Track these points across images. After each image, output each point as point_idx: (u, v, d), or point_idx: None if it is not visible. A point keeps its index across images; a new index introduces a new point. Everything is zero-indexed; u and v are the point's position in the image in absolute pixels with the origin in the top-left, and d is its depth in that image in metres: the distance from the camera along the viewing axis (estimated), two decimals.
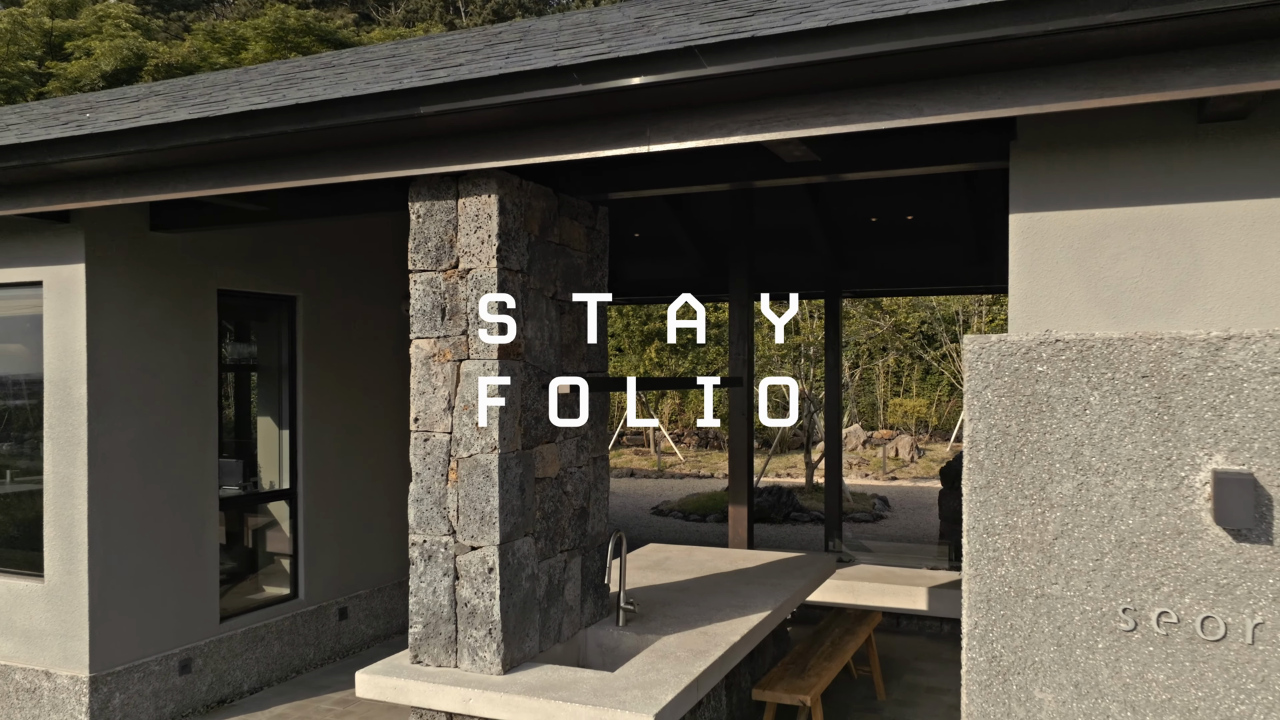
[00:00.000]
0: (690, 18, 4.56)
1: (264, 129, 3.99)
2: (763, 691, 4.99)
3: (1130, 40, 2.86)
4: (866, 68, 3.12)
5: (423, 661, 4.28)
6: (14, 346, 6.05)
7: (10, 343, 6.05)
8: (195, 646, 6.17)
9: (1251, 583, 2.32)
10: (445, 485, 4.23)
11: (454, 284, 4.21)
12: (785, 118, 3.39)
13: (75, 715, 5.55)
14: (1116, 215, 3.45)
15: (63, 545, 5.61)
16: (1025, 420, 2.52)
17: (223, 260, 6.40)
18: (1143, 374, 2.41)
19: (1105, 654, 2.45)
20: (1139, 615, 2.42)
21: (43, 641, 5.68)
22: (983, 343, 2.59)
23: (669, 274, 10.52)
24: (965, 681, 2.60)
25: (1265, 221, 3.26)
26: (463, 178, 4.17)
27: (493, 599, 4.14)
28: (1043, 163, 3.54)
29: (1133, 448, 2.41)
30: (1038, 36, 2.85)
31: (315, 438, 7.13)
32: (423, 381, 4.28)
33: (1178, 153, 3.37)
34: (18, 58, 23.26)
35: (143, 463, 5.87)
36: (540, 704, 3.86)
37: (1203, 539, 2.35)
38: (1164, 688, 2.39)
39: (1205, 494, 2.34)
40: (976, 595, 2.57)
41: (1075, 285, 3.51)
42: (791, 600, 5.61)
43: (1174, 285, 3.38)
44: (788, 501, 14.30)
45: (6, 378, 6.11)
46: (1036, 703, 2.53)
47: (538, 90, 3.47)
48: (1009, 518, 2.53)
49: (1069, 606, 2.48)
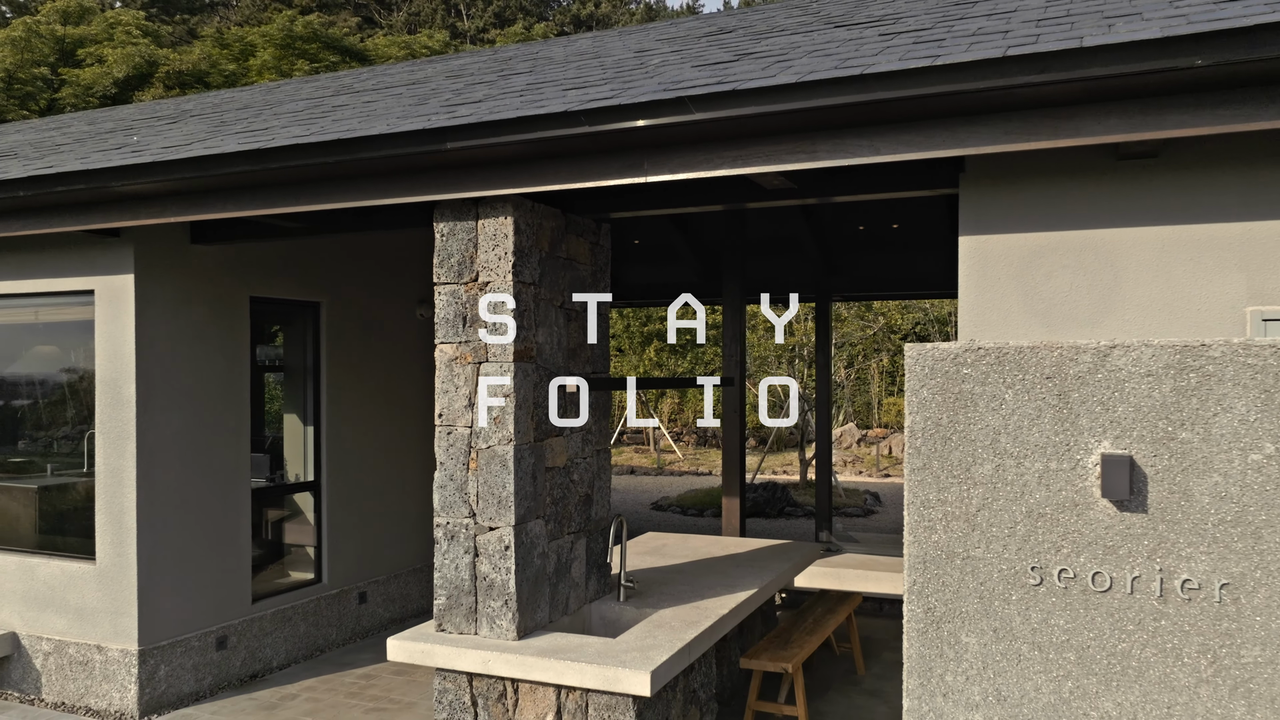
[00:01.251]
0: (684, 57, 5.11)
1: (308, 159, 4.54)
2: (749, 660, 5.53)
3: (1050, 96, 3.40)
4: (831, 115, 3.66)
5: (446, 629, 4.83)
6: (68, 349, 6.60)
7: (65, 345, 6.60)
8: (230, 625, 6.72)
9: (1130, 544, 2.86)
10: (466, 473, 4.78)
11: (474, 295, 4.75)
12: (763, 154, 3.93)
13: (125, 685, 6.09)
14: (1049, 238, 4.00)
15: (113, 530, 6.16)
16: (954, 413, 3.06)
17: (255, 269, 6.95)
18: (1046, 375, 2.95)
19: (1018, 604, 3.00)
20: (1044, 572, 2.96)
21: (95, 618, 6.23)
22: (920, 350, 3.13)
23: (667, 279, 11.06)
24: (906, 629, 3.15)
25: (1173, 245, 3.80)
26: (482, 202, 4.72)
27: (508, 574, 4.69)
28: (988, 192, 4.09)
29: (1039, 436, 2.96)
30: (972, 92, 3.40)
31: (337, 433, 7.67)
32: (446, 381, 4.82)
33: (1100, 185, 3.91)
34: (31, 64, 23.80)
35: (184, 455, 6.41)
36: (550, 664, 4.41)
37: (1094, 509, 2.90)
38: (1063, 630, 2.94)
39: (1095, 473, 2.88)
40: (915, 558, 3.12)
41: (1015, 299, 4.06)
42: (777, 581, 6.15)
43: (1098, 299, 3.94)
44: (782, 497, 14.85)
45: (61, 377, 6.66)
46: (963, 645, 3.07)
47: (550, 130, 4.02)
48: (941, 494, 3.08)
49: (989, 566, 3.02)
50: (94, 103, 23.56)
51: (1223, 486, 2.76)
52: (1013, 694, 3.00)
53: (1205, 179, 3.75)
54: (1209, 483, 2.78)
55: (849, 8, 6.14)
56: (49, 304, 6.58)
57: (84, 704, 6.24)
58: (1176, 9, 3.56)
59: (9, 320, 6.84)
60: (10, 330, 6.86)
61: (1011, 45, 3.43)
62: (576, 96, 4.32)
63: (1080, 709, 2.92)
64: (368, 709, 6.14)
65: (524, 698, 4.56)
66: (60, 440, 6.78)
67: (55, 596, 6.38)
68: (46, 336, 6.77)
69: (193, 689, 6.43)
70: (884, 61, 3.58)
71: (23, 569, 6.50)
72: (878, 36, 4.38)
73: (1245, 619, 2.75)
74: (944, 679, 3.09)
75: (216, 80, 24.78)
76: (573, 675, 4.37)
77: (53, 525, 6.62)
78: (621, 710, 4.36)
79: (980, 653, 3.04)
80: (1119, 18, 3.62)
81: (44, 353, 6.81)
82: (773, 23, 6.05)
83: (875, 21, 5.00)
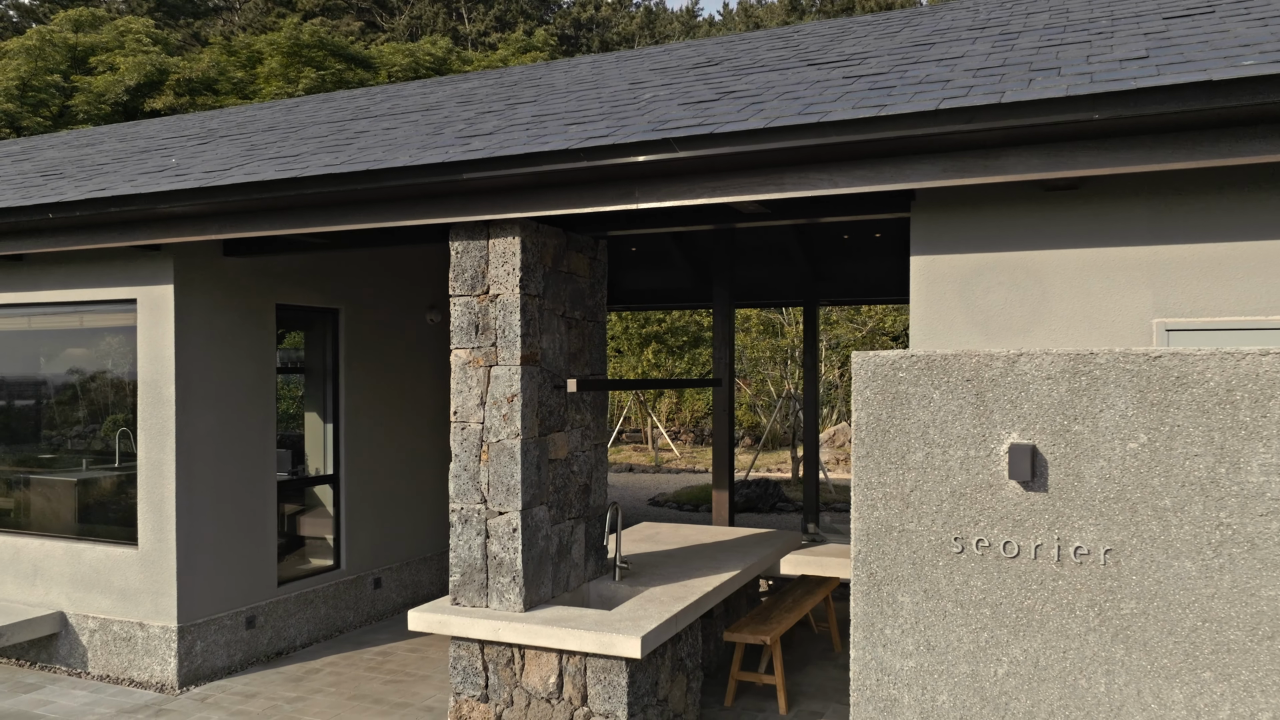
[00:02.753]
0: (673, 92, 5.71)
1: (339, 186, 5.14)
2: (732, 634, 6.13)
3: (978, 140, 4.00)
4: (794, 154, 4.26)
5: (460, 603, 5.43)
6: (107, 352, 7.20)
7: (105, 349, 7.21)
8: (258, 606, 7.32)
9: (1034, 518, 3.46)
10: (478, 464, 5.38)
11: (485, 306, 5.35)
12: (738, 186, 4.53)
13: (165, 659, 6.70)
14: (988, 258, 4.60)
15: (154, 518, 6.76)
16: (891, 410, 3.66)
17: (280, 279, 7.55)
18: (967, 378, 3.55)
19: (944, 569, 3.60)
20: (965, 542, 3.56)
21: (137, 599, 6.83)
22: (864, 357, 3.73)
23: (662, 283, 11.66)
24: (853, 591, 3.74)
25: (1091, 265, 4.40)
26: (492, 224, 5.31)
27: (516, 553, 5.29)
28: (935, 218, 4.69)
29: (960, 428, 3.55)
30: (911, 137, 4.00)
31: (354, 431, 8.27)
32: (460, 383, 5.42)
33: (1030, 213, 4.51)
34: (45, 72, 24.40)
35: (217, 450, 7.01)
36: (554, 631, 5.01)
37: (1004, 489, 3.50)
38: (980, 590, 3.54)
39: (1005, 459, 3.48)
40: (860, 531, 3.71)
41: (958, 311, 4.66)
42: (759, 564, 6.75)
43: (1029, 311, 4.54)
44: (774, 493, 15.45)
45: (99, 377, 7.26)
46: (899, 604, 3.67)
47: (552, 165, 4.62)
48: (881, 477, 3.68)
49: (920, 537, 3.62)
50: (106, 110, 24.16)
51: (1107, 470, 3.36)
52: (940, 644, 3.60)
53: (1118, 208, 4.35)
54: (1096, 467, 3.38)
55: (825, 41, 6.74)
56: (93, 311, 7.18)
57: (127, 676, 6.84)
58: (1088, 66, 4.16)
59: (55, 326, 7.44)
60: (56, 335, 7.46)
61: (946, 98, 4.03)
62: (577, 133, 4.92)
63: (994, 655, 3.52)
64: (385, 680, 6.74)
65: (529, 662, 5.16)
66: (95, 437, 7.38)
67: (100, 579, 6.98)
68: (88, 340, 7.36)
69: (225, 664, 7.03)
70: (839, 110, 4.18)
71: (69, 554, 7.10)
72: (841, 79, 4.98)
73: (1124, 578, 3.34)
74: (884, 632, 3.69)
75: (225, 87, 25.39)
76: (573, 641, 4.97)
77: (95, 514, 7.22)
78: (616, 672, 4.96)
79: (913, 610, 3.63)
80: (1041, 72, 4.22)
81: (84, 355, 7.40)
82: (755, 55, 6.65)
83: (843, 61, 5.59)
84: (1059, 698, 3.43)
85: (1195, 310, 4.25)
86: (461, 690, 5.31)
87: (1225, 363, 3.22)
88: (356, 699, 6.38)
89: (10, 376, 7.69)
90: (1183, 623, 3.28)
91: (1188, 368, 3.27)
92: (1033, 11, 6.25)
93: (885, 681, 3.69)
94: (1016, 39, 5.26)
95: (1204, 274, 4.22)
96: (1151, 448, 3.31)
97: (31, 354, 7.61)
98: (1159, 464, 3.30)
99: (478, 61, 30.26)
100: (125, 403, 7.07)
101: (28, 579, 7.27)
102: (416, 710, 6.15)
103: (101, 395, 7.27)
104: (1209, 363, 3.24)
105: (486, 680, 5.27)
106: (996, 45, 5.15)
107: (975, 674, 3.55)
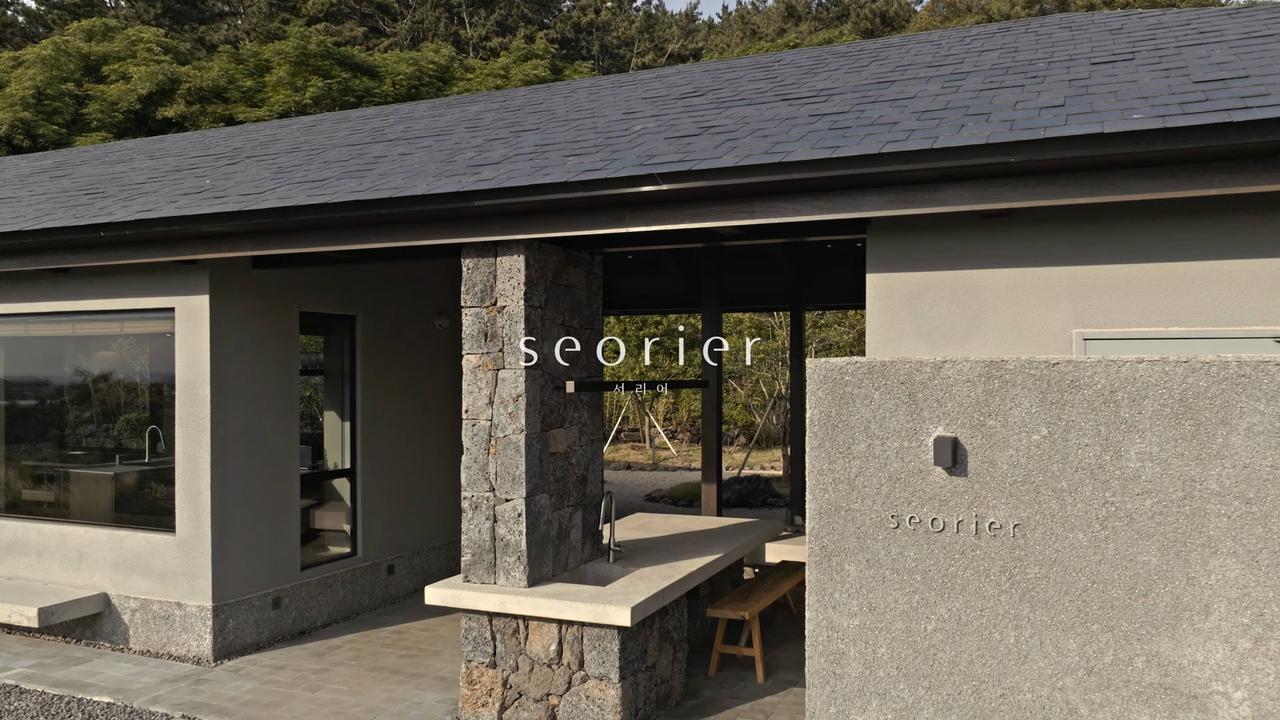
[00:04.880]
0: (660, 124, 6.38)
1: (365, 211, 5.81)
2: (715, 610, 6.81)
3: (917, 176, 4.67)
4: (761, 188, 4.93)
5: (471, 580, 6.10)
6: (143, 356, 7.88)
7: (140, 353, 7.88)
8: (283, 588, 7.99)
9: (956, 499, 4.13)
10: (487, 456, 6.05)
11: (493, 316, 6.02)
12: (715, 212, 5.20)
13: (201, 635, 7.37)
14: (933, 276, 5.27)
15: (190, 507, 7.44)
16: (839, 408, 4.33)
17: (303, 289, 8.23)
18: (901, 381, 4.22)
19: (883, 542, 4.27)
20: (900, 519, 4.23)
21: (175, 580, 7.50)
22: (817, 364, 4.40)
23: (657, 290, 12.33)
24: (808, 561, 4.41)
25: (1021, 283, 5.07)
26: (500, 244, 5.98)
27: (520, 536, 5.96)
28: (888, 240, 5.36)
29: (896, 423, 4.22)
30: (860, 175, 4.67)
31: (370, 428, 8.95)
32: (471, 384, 6.09)
33: (969, 237, 5.18)
34: (60, 81, 25.10)
35: (247, 445, 7.69)
36: (554, 603, 5.68)
37: (932, 474, 4.17)
38: (913, 559, 4.21)
39: (932, 449, 4.15)
40: (814, 511, 4.39)
41: (908, 323, 5.33)
42: (741, 549, 7.42)
43: (967, 323, 5.21)
44: (765, 489, 16.13)
45: (134, 379, 7.94)
46: (846, 572, 4.34)
47: (554, 195, 5.29)
48: (831, 464, 4.35)
49: (863, 515, 4.29)
50: (119, 117, 24.86)
51: (1015, 458, 4.03)
52: (879, 604, 4.27)
53: (1043, 234, 5.02)
54: (1007, 455, 4.05)
55: (801, 74, 7.41)
56: (133, 318, 7.86)
57: (166, 651, 7.52)
58: (1013, 113, 4.84)
59: (97, 331, 8.12)
60: (98, 340, 8.14)
61: (890, 141, 4.71)
62: (575, 165, 5.60)
63: (924, 613, 4.19)
64: (401, 655, 7.42)
65: (533, 632, 5.83)
66: (128, 434, 8.05)
67: (140, 562, 7.66)
68: (126, 345, 8.04)
69: (254, 640, 7.70)
70: (799, 150, 4.85)
71: (112, 540, 7.78)
72: (807, 117, 5.65)
73: (1029, 548, 4.02)
74: (833, 596, 4.36)
75: (234, 95, 26.08)
76: (571, 612, 5.64)
77: (135, 504, 7.90)
78: (609, 640, 5.64)
79: (857, 576, 4.31)
80: (974, 117, 4.90)
81: (122, 359, 8.08)
82: (738, 87, 7.33)
83: (813, 97, 6.27)
84: (977, 648, 4.11)
85: (1108, 322, 4.92)
86: (472, 658, 5.99)
87: (1109, 368, 3.90)
88: (376, 670, 7.06)
89: (57, 379, 8.36)
90: (1076, 584, 3.95)
91: (1080, 373, 3.94)
92: (986, 49, 6.92)
93: (835, 637, 4.36)
94: (964, 80, 5.93)
95: (1115, 291, 4.89)
96: (1051, 439, 3.98)
97: (75, 357, 8.29)
98: (1057, 453, 3.98)
99: (479, 69, 30.93)
100: (163, 402, 7.75)
101: (73, 563, 7.95)
102: (430, 679, 6.82)
103: (140, 395, 7.95)
104: (1096, 369, 3.92)
105: (495, 649, 5.94)
106: (945, 86, 5.82)
107: (909, 630, 4.23)
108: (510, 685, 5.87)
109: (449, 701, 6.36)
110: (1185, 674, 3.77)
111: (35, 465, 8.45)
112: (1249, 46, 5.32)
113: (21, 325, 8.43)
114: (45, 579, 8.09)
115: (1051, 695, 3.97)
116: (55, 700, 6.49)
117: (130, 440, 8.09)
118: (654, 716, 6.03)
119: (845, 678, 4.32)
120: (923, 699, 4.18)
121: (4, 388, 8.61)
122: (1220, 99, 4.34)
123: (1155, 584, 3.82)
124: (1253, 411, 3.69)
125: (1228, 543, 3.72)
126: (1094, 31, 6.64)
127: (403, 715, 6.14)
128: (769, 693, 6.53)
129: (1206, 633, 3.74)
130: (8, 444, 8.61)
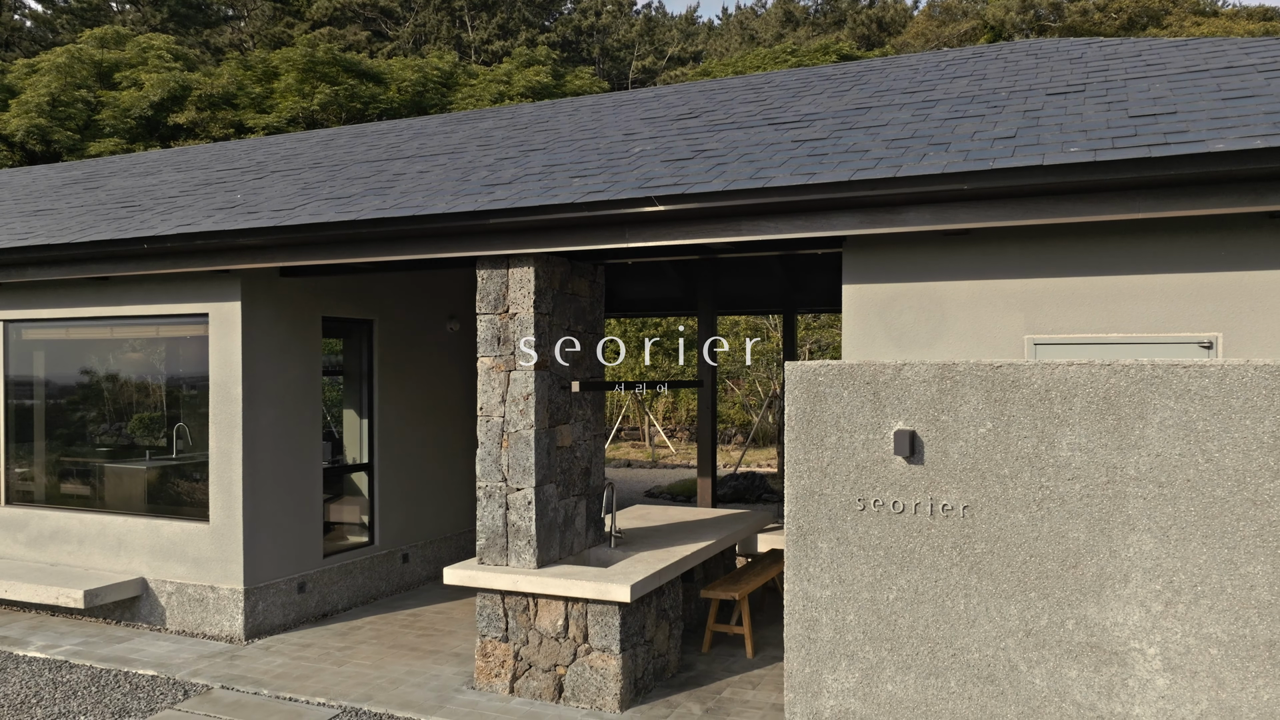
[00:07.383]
0: (657, 146, 6.98)
1: (389, 227, 6.42)
2: (708, 591, 7.41)
3: (883, 200, 5.26)
4: (747, 209, 5.53)
5: (485, 562, 6.71)
6: (176, 358, 8.48)
7: (173, 355, 8.49)
8: (307, 574, 8.60)
9: (914, 484, 4.74)
10: (500, 450, 6.66)
11: (505, 322, 6.62)
12: (706, 230, 5.80)
13: (234, 616, 7.97)
14: (902, 287, 5.87)
15: (223, 498, 8.04)
16: (814, 404, 4.93)
17: (325, 295, 8.83)
18: (867, 381, 4.82)
19: (851, 523, 4.87)
20: (865, 501, 4.83)
21: (208, 566, 8.11)
22: (794, 367, 5.00)
23: (656, 293, 12.94)
24: (786, 540, 5.02)
25: (979, 293, 5.67)
26: (512, 257, 6.59)
27: (530, 522, 6.56)
28: (862, 254, 5.96)
29: (862, 418, 4.83)
30: (834, 199, 5.27)
31: (387, 425, 9.55)
32: (485, 384, 6.70)
33: (934, 252, 5.78)
34: (74, 88, 25.71)
35: (275, 440, 8.29)
36: (561, 582, 6.28)
37: (893, 463, 4.77)
38: (877, 537, 4.81)
39: (893, 441, 4.76)
40: (791, 496, 4.99)
41: (879, 329, 5.93)
42: (732, 536, 8.02)
43: (931, 330, 5.81)
44: (760, 485, 16.72)
45: (164, 379, 8.55)
46: (819, 549, 4.94)
47: (562, 214, 5.89)
48: (806, 454, 4.95)
49: (833, 499, 4.90)
50: (131, 123, 25.47)
51: (965, 448, 4.63)
52: (848, 577, 4.87)
53: (999, 250, 5.62)
54: (957, 446, 4.65)
55: (788, 96, 8.01)
56: (168, 323, 8.46)
57: (200, 631, 8.12)
58: (970, 143, 5.44)
59: (134, 335, 8.72)
60: (134, 344, 8.74)
61: (860, 168, 5.31)
62: (580, 186, 6.20)
63: (886, 585, 4.79)
64: (418, 635, 8.03)
65: (541, 609, 6.44)
66: (162, 430, 8.65)
67: (176, 549, 8.27)
68: (161, 348, 8.64)
69: (281, 621, 8.31)
70: (780, 176, 5.45)
71: (150, 529, 8.39)
72: (790, 143, 6.26)
73: (977, 527, 4.62)
74: (808, 570, 4.96)
75: (243, 101, 26.69)
76: (576, 590, 6.25)
77: (171, 495, 8.50)
78: (610, 615, 6.24)
79: (829, 553, 4.91)
80: (935, 146, 5.50)
81: (155, 361, 8.68)
82: (729, 110, 7.93)
83: (797, 122, 6.87)
84: (932, 614, 4.71)
85: (1056, 329, 5.52)
86: (486, 633, 6.59)
87: (1045, 370, 4.50)
88: (396, 647, 7.66)
89: (95, 379, 8.97)
90: (1016, 558, 4.55)
91: (1020, 374, 4.55)
92: (958, 75, 7.52)
93: (809, 606, 4.96)
94: (933, 109, 6.53)
95: (1062, 301, 5.49)
96: (995, 432, 4.58)
97: (113, 359, 8.89)
98: (1000, 444, 4.58)
99: (483, 75, 31.54)
100: (196, 400, 8.35)
101: (113, 550, 8.55)
102: (446, 655, 7.43)
103: (173, 394, 8.55)
104: (1034, 370, 4.52)
105: (507, 624, 6.54)
106: (915, 115, 6.42)
107: (873, 599, 4.83)
108: (521, 657, 6.47)
109: (464, 674, 6.96)
110: (1108, 634, 4.37)
111: (75, 460, 9.06)
112: (1184, 82, 5.92)
113: (63, 329, 9.04)
114: (86, 565, 8.70)
115: (996, 654, 4.57)
116: (104, 673, 7.10)
117: (164, 436, 8.69)
118: (652, 687, 6.64)
119: (819, 642, 4.93)
120: (885, 659, 4.79)
121: (46, 387, 9.21)
122: (1147, 134, 4.94)
123: (1083, 557, 4.42)
124: (1164, 408, 4.29)
125: (1144, 520, 4.32)
126: (1056, 60, 7.23)
127: (423, 685, 6.74)
128: (757, 666, 7.14)
129: (1126, 598, 4.34)
130: (49, 440, 9.22)
